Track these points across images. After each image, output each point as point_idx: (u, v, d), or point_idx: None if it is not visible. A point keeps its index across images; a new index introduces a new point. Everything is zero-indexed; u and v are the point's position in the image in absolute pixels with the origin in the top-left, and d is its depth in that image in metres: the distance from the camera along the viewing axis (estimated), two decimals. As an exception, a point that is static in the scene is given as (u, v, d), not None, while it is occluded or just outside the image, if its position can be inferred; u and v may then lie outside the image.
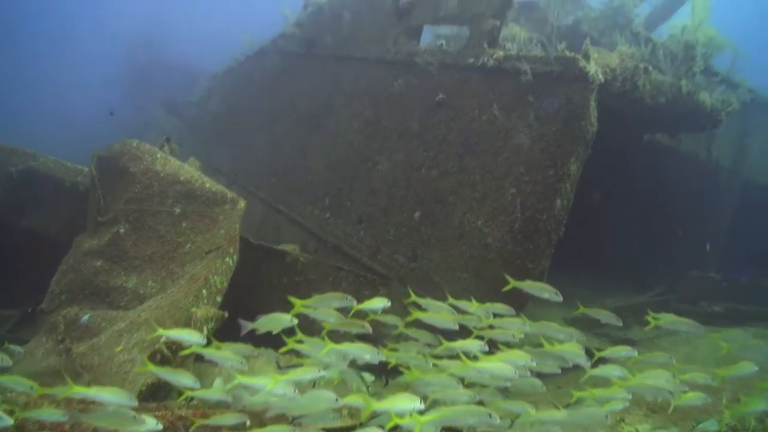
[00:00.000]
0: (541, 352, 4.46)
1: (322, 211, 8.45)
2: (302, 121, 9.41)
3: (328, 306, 4.80)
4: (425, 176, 6.91)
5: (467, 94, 6.64)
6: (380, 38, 8.16)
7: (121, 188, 6.72)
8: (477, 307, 4.79)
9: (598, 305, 9.22)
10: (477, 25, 6.76)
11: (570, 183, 5.73)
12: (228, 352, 4.11)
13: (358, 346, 4.31)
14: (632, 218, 10.31)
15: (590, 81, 5.54)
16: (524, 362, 4.18)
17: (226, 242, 6.09)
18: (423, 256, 6.66)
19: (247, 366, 4.12)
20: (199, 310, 4.54)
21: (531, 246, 5.75)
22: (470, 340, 4.50)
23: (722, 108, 6.97)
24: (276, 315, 4.52)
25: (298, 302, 5.00)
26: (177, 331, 4.24)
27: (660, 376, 4.44)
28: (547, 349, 4.52)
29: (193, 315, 4.46)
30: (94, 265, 6.36)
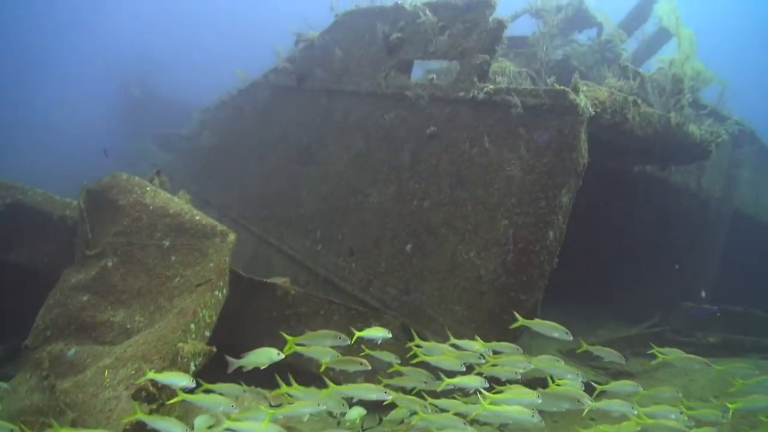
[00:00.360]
0: (543, 393, 4.38)
1: (313, 243, 8.38)
2: (293, 154, 9.42)
3: (321, 344, 4.73)
4: (417, 208, 6.89)
5: (458, 126, 6.67)
6: (371, 73, 8.24)
7: (110, 221, 6.65)
8: (481, 346, 4.72)
9: (591, 336, 9.21)
10: (467, 60, 6.84)
11: (562, 214, 5.73)
12: (216, 396, 4.01)
13: (363, 386, 4.24)
14: (624, 248, 10.32)
15: (580, 113, 5.59)
16: (531, 401, 4.11)
17: (216, 275, 6.01)
18: (415, 289, 6.59)
19: (237, 407, 4.02)
20: (186, 345, 4.43)
21: (524, 278, 5.71)
22: (470, 377, 4.43)
23: (712, 139, 7.04)
24: (263, 350, 4.44)
25: (291, 339, 4.91)
26: (164, 374, 4.14)
27: (668, 412, 4.37)
28: (551, 390, 4.45)
29: (179, 350, 4.33)
30: (80, 299, 6.25)
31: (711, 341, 8.64)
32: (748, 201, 11.41)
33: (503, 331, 5.78)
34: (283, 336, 5.00)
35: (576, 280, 9.03)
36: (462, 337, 5.92)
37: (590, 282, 10.29)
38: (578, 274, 8.89)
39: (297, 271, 8.56)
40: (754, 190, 11.66)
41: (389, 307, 6.81)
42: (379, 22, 8.27)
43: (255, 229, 9.82)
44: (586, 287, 10.28)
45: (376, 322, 6.23)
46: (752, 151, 11.34)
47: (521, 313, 5.81)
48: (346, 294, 7.48)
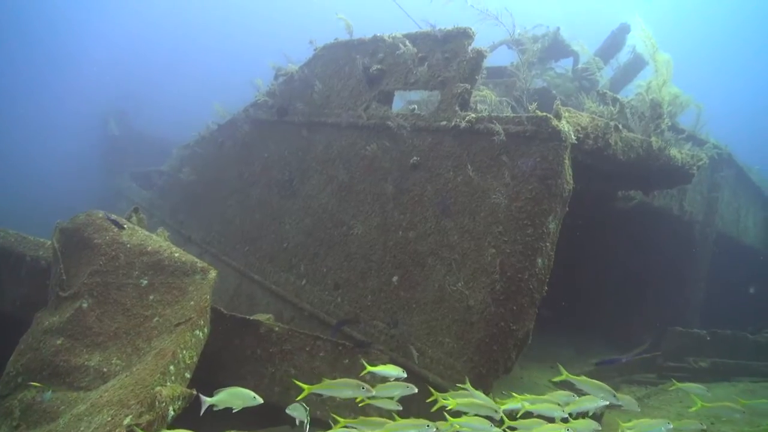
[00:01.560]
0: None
1: (297, 278, 8.20)
2: (275, 187, 9.30)
3: (340, 395, 4.54)
4: (402, 239, 6.77)
5: (441, 155, 6.62)
6: (351, 104, 8.21)
7: (85, 261, 6.43)
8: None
9: (582, 365, 9.09)
10: (448, 89, 6.84)
11: (550, 241, 5.65)
12: None
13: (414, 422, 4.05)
14: (610, 274, 10.29)
15: (563, 139, 5.56)
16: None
17: (196, 314, 5.80)
18: (403, 322, 6.43)
19: None
20: (164, 389, 4.21)
21: (514, 307, 5.58)
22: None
23: (693, 163, 7.07)
24: (239, 391, 4.24)
25: (307, 388, 4.69)
26: None
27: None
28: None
29: (157, 394, 4.11)
30: (54, 343, 5.97)
31: (702, 366, 8.55)
32: (730, 223, 11.50)
33: (493, 363, 5.64)
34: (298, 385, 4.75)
35: (563, 307, 8.95)
36: (452, 369, 5.78)
37: (578, 309, 10.22)
38: (565, 301, 8.81)
39: (281, 306, 8.34)
40: (735, 213, 11.77)
41: (377, 341, 6.63)
42: (359, 54, 8.29)
43: (237, 264, 9.61)
44: (573, 314, 10.20)
45: (364, 358, 6.04)
46: (730, 175, 11.48)
47: (512, 344, 5.70)
48: (332, 328, 7.28)
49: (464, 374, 5.64)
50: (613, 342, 10.07)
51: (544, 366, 8.44)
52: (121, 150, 22.60)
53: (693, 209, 10.49)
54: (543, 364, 8.54)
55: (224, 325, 6.27)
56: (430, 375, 5.92)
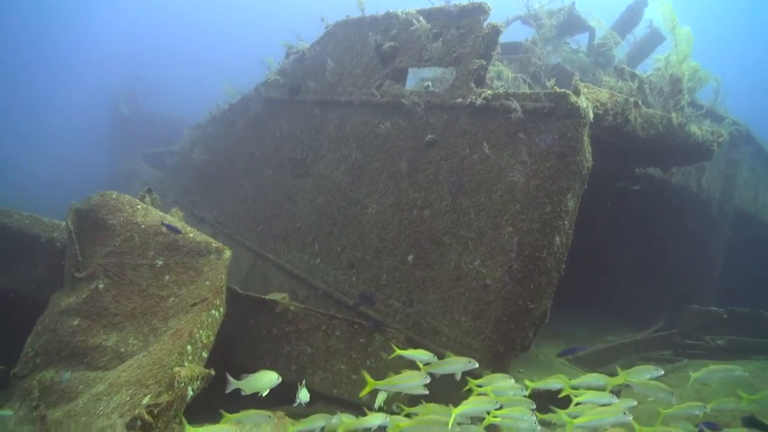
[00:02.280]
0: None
1: (311, 257, 8.18)
2: (288, 166, 9.24)
3: (406, 390, 4.43)
4: (417, 218, 6.71)
5: (457, 133, 6.52)
6: (364, 82, 8.10)
7: (100, 242, 6.43)
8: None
9: (598, 342, 9.04)
10: (463, 66, 6.71)
11: (568, 219, 5.57)
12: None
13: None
14: (630, 252, 10.19)
15: (582, 116, 5.44)
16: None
17: (212, 294, 5.80)
18: (419, 301, 6.40)
19: None
20: (182, 370, 4.21)
21: (532, 285, 5.52)
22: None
23: (713, 139, 6.92)
24: (263, 374, 4.18)
25: (371, 381, 4.59)
26: None
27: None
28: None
29: (176, 375, 4.10)
30: (71, 324, 6.00)
31: (719, 344, 8.48)
32: (748, 200, 11.32)
33: (511, 341, 5.60)
34: (365, 377, 4.63)
35: (580, 285, 8.88)
36: (469, 347, 5.75)
37: (594, 286, 10.15)
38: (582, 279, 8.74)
39: (296, 285, 8.34)
40: (752, 190, 11.58)
41: (393, 320, 6.61)
42: (371, 32, 8.15)
43: (251, 244, 9.60)
44: (589, 291, 10.13)
45: (380, 337, 6.03)
46: (748, 151, 11.27)
47: (529, 322, 5.65)
48: (347, 308, 7.28)
49: (482, 353, 5.62)
50: (629, 319, 10.00)
51: (559, 343, 8.41)
52: (132, 131, 22.59)
53: (711, 186, 10.32)
54: (558, 341, 8.51)
55: (240, 305, 6.27)
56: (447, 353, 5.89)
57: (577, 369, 6.95)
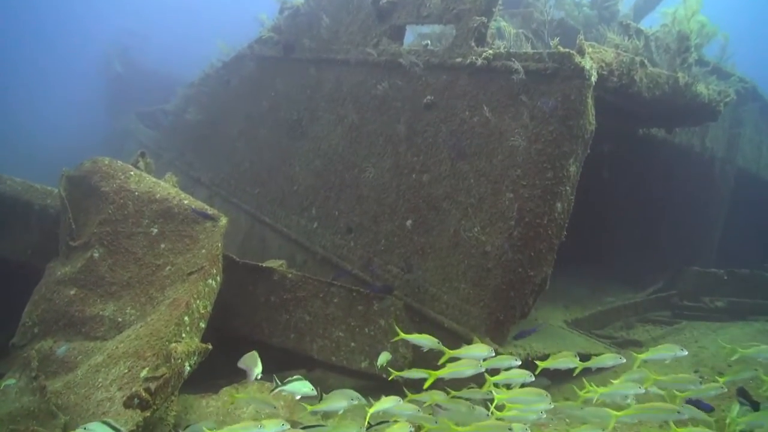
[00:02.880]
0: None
1: (309, 221, 8.09)
2: (284, 127, 9.04)
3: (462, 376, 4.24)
4: (416, 182, 6.58)
5: (456, 95, 6.32)
6: (361, 40, 7.83)
7: (94, 209, 6.32)
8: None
9: (597, 304, 9.04)
10: (463, 23, 6.45)
11: (570, 185, 5.45)
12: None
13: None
14: (628, 213, 10.09)
15: (587, 77, 5.25)
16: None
17: (208, 262, 5.72)
18: (418, 267, 6.34)
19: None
20: (179, 345, 4.15)
21: (532, 253, 5.45)
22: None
23: (720, 99, 6.72)
24: (341, 393, 4.04)
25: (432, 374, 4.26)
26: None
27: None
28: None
29: (173, 351, 4.06)
30: (67, 293, 5.96)
31: (718, 305, 8.48)
32: (751, 159, 11.15)
33: (510, 309, 5.56)
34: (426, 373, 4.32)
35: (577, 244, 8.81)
36: (468, 315, 5.72)
37: (593, 245, 10.07)
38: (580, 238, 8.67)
39: (293, 250, 8.28)
40: (756, 149, 11.40)
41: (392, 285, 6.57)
42: (368, -15, 7.83)
43: (248, 207, 9.50)
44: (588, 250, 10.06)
45: (377, 304, 5.99)
46: (754, 109, 11.02)
47: (529, 290, 5.60)
48: (345, 273, 7.23)
49: (481, 320, 5.59)
50: (628, 280, 9.98)
51: (557, 305, 8.39)
52: (127, 88, 22.17)
53: (714, 146, 10.14)
54: (556, 304, 8.48)
55: (237, 273, 6.21)
56: (446, 321, 5.87)
57: (576, 334, 6.96)
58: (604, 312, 8.23)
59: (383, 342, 5.82)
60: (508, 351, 5.53)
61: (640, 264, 10.36)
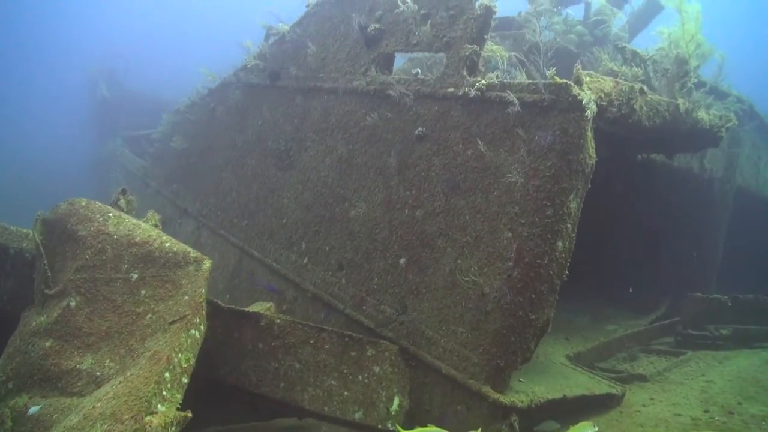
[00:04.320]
0: None
1: (299, 256, 7.79)
2: (271, 158, 8.77)
3: None
4: (409, 218, 6.31)
5: (449, 126, 6.07)
6: (349, 68, 7.59)
7: (71, 255, 6.00)
8: None
9: (599, 334, 8.76)
10: (454, 51, 6.22)
11: (571, 222, 5.18)
12: None
13: None
14: (627, 236, 9.87)
15: (585, 109, 5.00)
16: None
17: (191, 311, 5.40)
18: (413, 308, 6.04)
19: None
20: (155, 418, 3.84)
21: (533, 295, 5.17)
22: None
23: (722, 124, 6.51)
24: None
25: None
26: None
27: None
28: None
29: (147, 425, 3.74)
30: (43, 345, 5.60)
31: (723, 333, 8.22)
32: (749, 177, 10.97)
33: (512, 355, 5.27)
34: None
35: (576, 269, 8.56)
36: (467, 360, 5.42)
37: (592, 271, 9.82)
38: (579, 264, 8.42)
39: (283, 285, 7.97)
40: (754, 166, 11.23)
41: (386, 328, 6.27)
42: (355, 12, 7.60)
43: (236, 240, 9.19)
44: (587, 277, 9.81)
45: (371, 349, 5.69)
46: (751, 128, 10.86)
47: (531, 333, 5.32)
48: (337, 312, 6.93)
49: (480, 367, 5.30)
50: (629, 306, 9.73)
51: (558, 337, 8.10)
52: (113, 112, 21.86)
53: (713, 166, 9.95)
54: (557, 335, 8.20)
55: (222, 319, 5.90)
56: (444, 366, 5.58)
57: (579, 371, 6.66)
58: (606, 343, 7.96)
59: (378, 390, 5.52)
60: (509, 398, 5.25)
61: (641, 288, 10.11)
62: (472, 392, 5.31)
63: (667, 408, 6.33)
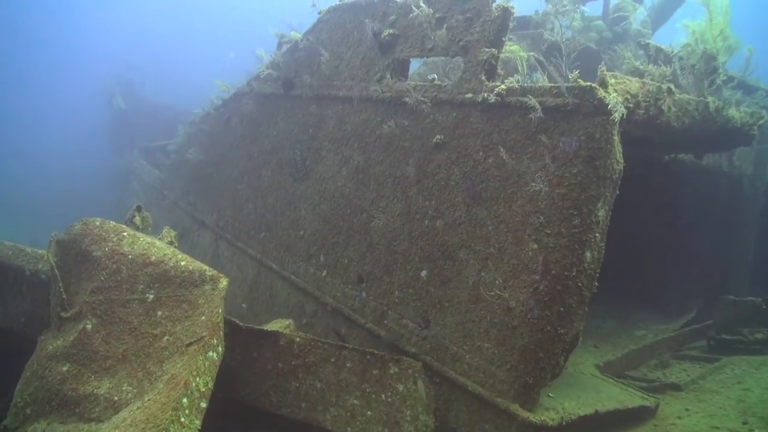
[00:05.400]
0: None
1: (317, 269, 7.63)
2: (287, 168, 8.63)
3: None
4: (429, 229, 6.11)
5: (468, 133, 5.87)
6: (363, 75, 7.42)
7: (86, 276, 5.91)
8: None
9: (628, 341, 8.47)
10: (472, 56, 6.01)
11: (600, 231, 4.95)
12: None
13: None
14: (655, 236, 9.56)
15: (611, 113, 4.76)
16: None
17: (208, 332, 5.27)
18: (436, 322, 5.85)
19: None
20: (171, 454, 3.68)
21: (561, 308, 4.94)
22: None
23: (753, 122, 6.22)
24: None
25: None
26: None
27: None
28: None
29: (164, 461, 3.59)
30: (60, 370, 5.52)
31: (758, 337, 7.89)
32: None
33: (540, 371, 5.05)
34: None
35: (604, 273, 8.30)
36: (494, 377, 5.22)
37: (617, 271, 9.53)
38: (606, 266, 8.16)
39: (302, 299, 7.83)
40: (785, 159, 10.82)
41: (408, 342, 6.08)
42: (368, 18, 7.43)
43: (254, 252, 9.07)
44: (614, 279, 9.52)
45: (394, 367, 5.51)
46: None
47: (560, 348, 5.10)
48: (358, 326, 6.76)
49: (508, 384, 5.09)
50: (658, 308, 9.41)
51: (586, 345, 7.83)
52: (130, 124, 21.97)
53: (742, 163, 9.59)
54: (585, 343, 7.92)
55: (240, 338, 5.77)
56: (470, 383, 5.37)
57: (610, 383, 6.41)
58: (636, 351, 7.67)
59: (402, 409, 5.33)
60: (539, 416, 5.03)
61: (670, 289, 9.80)
62: (500, 410, 5.10)
63: (704, 420, 6.05)
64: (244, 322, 6.31)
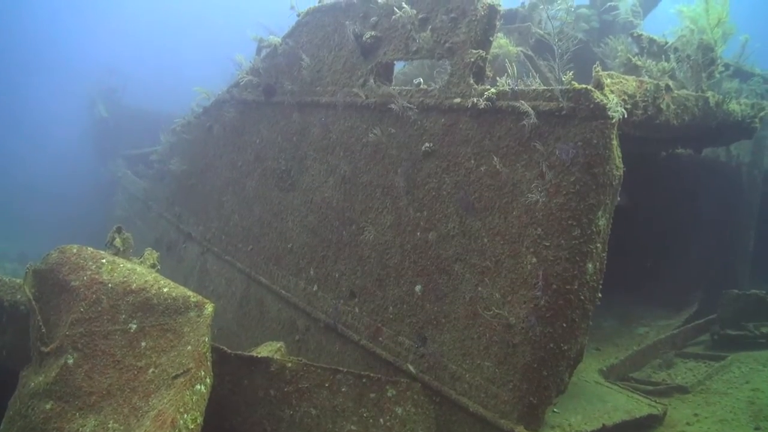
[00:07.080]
0: None
1: (307, 283, 7.37)
2: (272, 178, 8.35)
3: None
4: (421, 241, 5.86)
5: (458, 140, 5.61)
6: (346, 80, 7.14)
7: (65, 307, 5.63)
8: None
9: (629, 339, 8.29)
10: (458, 58, 5.74)
11: (601, 241, 4.71)
12: None
13: None
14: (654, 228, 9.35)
15: (609, 116, 4.52)
16: None
17: (195, 363, 5.00)
18: (433, 340, 5.61)
19: None
20: None
21: (564, 324, 4.71)
22: None
23: (754, 114, 5.98)
24: None
25: None
26: None
27: None
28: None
29: None
30: (43, 408, 5.24)
31: (764, 331, 7.71)
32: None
33: (544, 390, 4.82)
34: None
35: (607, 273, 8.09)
36: (496, 398, 4.99)
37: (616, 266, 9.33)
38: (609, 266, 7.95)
39: (294, 314, 7.57)
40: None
41: (406, 361, 5.85)
42: (348, 20, 7.14)
43: (242, 266, 8.79)
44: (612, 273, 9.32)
45: (392, 389, 5.27)
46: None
47: (564, 365, 4.87)
48: (352, 343, 6.52)
49: (512, 405, 4.86)
50: (659, 304, 9.22)
51: (588, 349, 7.59)
52: (113, 131, 21.54)
53: (740, 152, 9.39)
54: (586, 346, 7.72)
55: (229, 366, 5.50)
56: (471, 404, 5.14)
57: (615, 389, 6.20)
58: (640, 352, 7.48)
59: (402, 434, 5.10)
60: (545, 435, 4.82)
61: (670, 282, 9.62)
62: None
63: (714, 426, 5.86)
64: (234, 338, 6.06)
